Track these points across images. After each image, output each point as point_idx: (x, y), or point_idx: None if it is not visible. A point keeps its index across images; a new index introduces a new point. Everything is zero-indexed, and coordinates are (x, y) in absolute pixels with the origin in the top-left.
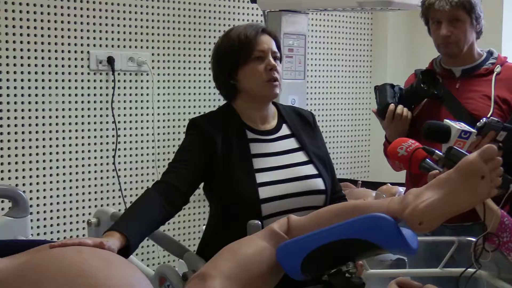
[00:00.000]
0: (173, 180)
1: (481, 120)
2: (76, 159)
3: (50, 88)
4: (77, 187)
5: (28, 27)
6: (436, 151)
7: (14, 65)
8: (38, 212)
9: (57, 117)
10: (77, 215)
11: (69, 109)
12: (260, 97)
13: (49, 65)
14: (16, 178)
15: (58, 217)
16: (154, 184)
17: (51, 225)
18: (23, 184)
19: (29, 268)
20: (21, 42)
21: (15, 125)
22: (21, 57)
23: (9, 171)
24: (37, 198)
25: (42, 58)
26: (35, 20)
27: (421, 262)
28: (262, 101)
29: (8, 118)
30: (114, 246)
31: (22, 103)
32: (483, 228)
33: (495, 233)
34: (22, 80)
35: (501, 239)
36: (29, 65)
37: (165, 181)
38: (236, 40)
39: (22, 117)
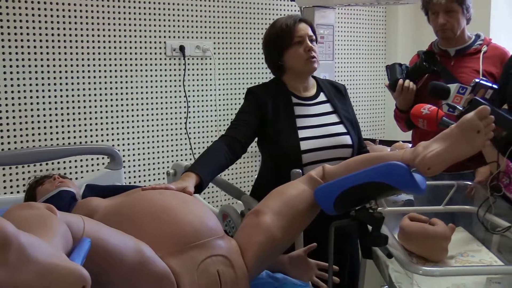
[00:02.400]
0: (234, 134)
1: (474, 80)
2: (157, 125)
3: (136, 70)
4: (158, 146)
5: (119, 24)
6: (458, 106)
7: (109, 53)
8: (129, 166)
9: (142, 93)
10: (158, 168)
11: (151, 87)
12: (303, 73)
13: (135, 53)
14: (113, 140)
15: (144, 170)
16: (219, 137)
17: (139, 176)
18: (118, 145)
19: (124, 205)
20: (114, 36)
21: (111, 100)
22: (114, 47)
23: (107, 134)
24: (129, 155)
25: (130, 48)
26: (124, 18)
27: (425, 202)
28: (304, 75)
29: (106, 94)
30: (191, 187)
31: (116, 82)
32: (496, 167)
33: (505, 172)
34: (115, 65)
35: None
36: (120, 53)
37: (228, 135)
38: (279, 30)
39: (116, 93)
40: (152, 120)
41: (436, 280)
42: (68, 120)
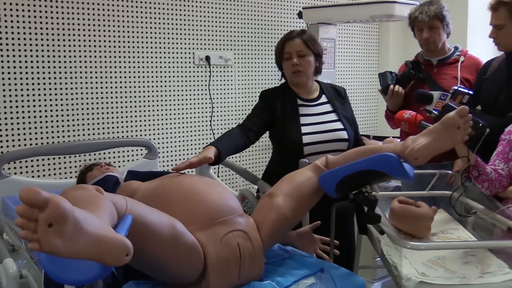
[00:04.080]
0: (248, 124)
1: (453, 88)
2: (187, 122)
3: (169, 77)
4: (187, 140)
5: (155, 37)
6: (433, 110)
7: (147, 62)
8: (163, 156)
9: (174, 95)
10: (187, 158)
11: (182, 91)
12: (292, 83)
13: (169, 62)
14: (149, 134)
15: (175, 159)
16: (236, 125)
17: (172, 164)
18: (154, 139)
19: (159, 188)
20: (150, 47)
21: (148, 100)
22: (151, 57)
23: (146, 130)
24: (163, 147)
25: (164, 57)
26: (159, 32)
27: (411, 188)
28: (297, 84)
29: (144, 96)
30: (211, 154)
31: (153, 87)
32: (467, 161)
33: (475, 165)
34: (152, 71)
35: (480, 171)
36: (156, 61)
37: (243, 124)
38: (276, 47)
39: (152, 95)
40: (183, 118)
41: (421, 253)
42: (112, 117)
